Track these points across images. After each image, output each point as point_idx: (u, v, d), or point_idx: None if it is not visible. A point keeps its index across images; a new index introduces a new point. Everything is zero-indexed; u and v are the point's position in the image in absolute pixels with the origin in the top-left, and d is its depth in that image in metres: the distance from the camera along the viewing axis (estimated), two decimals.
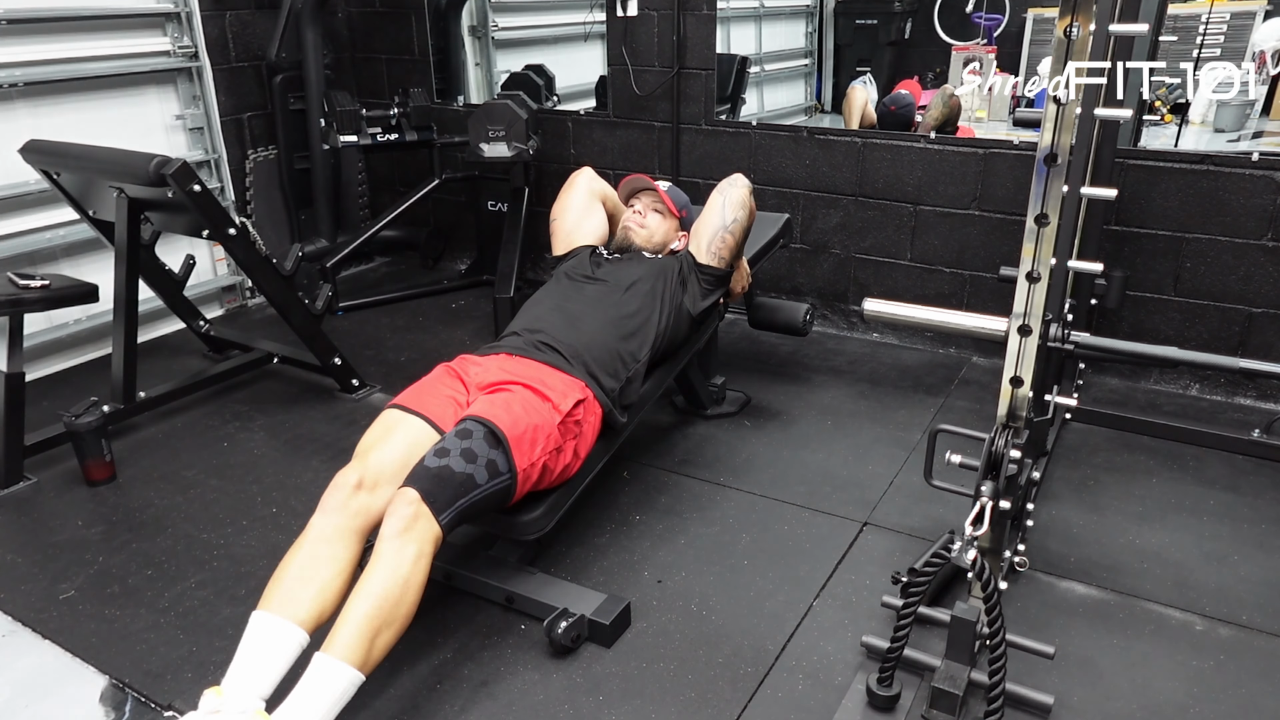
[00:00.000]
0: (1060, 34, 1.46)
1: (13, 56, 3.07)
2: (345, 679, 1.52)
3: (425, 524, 1.68)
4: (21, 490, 2.50)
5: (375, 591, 1.59)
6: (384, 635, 1.58)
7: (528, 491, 1.92)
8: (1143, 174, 2.84)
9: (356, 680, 1.54)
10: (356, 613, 1.57)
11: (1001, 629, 1.52)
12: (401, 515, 1.67)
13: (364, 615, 1.57)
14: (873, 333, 3.50)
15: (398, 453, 1.84)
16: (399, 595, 1.60)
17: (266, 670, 1.56)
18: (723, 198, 2.48)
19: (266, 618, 1.60)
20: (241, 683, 1.54)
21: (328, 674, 1.52)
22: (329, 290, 3.06)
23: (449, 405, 1.97)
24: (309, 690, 1.51)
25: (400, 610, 1.61)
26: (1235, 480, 2.47)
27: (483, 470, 1.78)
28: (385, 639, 1.59)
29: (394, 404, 1.98)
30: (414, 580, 1.64)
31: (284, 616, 1.60)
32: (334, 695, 1.52)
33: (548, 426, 1.93)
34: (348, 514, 1.74)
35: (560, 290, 2.38)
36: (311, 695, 1.51)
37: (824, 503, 2.39)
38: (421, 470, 1.74)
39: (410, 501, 1.69)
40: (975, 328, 1.93)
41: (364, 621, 1.56)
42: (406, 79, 4.15)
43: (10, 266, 3.00)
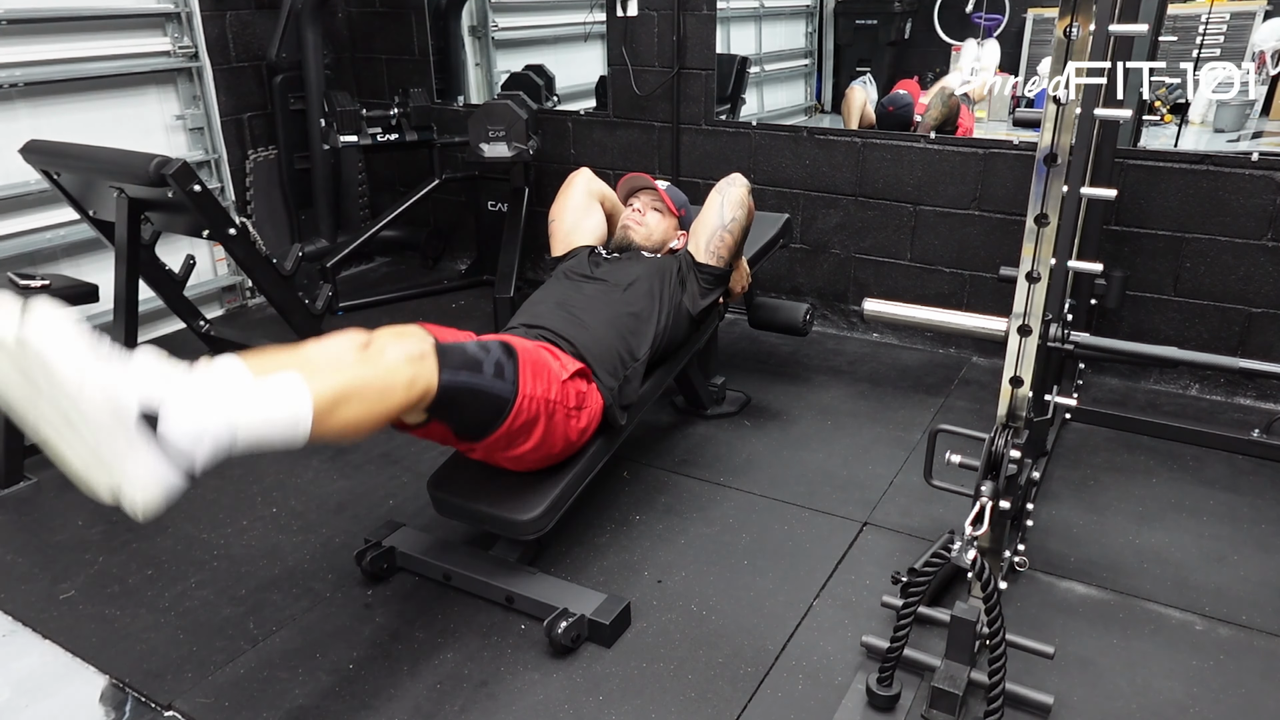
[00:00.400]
0: (1060, 34, 1.46)
1: (13, 56, 3.07)
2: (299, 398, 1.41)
3: (430, 364, 1.67)
4: (21, 490, 2.50)
5: (364, 370, 1.55)
6: (351, 406, 1.50)
7: (521, 452, 1.91)
8: (1142, 174, 2.84)
9: (303, 415, 1.41)
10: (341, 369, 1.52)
11: (1001, 629, 1.52)
12: (415, 346, 1.66)
13: (345, 375, 1.51)
14: (873, 333, 3.50)
15: None
16: (380, 388, 1.55)
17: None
18: (721, 197, 2.48)
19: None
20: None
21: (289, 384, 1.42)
22: (329, 290, 3.06)
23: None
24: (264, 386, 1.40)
25: (369, 397, 1.53)
26: (1235, 480, 2.47)
27: (491, 364, 1.80)
28: (349, 411, 1.49)
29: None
30: (396, 392, 1.58)
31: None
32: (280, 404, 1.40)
33: (553, 376, 1.95)
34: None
35: (560, 289, 2.38)
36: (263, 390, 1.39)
37: (824, 503, 2.39)
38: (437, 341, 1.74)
39: (424, 339, 1.69)
40: (975, 328, 1.93)
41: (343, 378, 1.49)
42: (406, 79, 4.15)
43: (10, 266, 3.00)
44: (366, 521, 2.32)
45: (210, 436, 1.34)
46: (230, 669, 1.83)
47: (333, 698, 1.76)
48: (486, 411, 1.83)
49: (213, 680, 1.80)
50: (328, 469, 2.59)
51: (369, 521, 2.31)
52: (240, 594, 2.06)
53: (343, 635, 1.92)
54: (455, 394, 1.74)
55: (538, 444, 1.94)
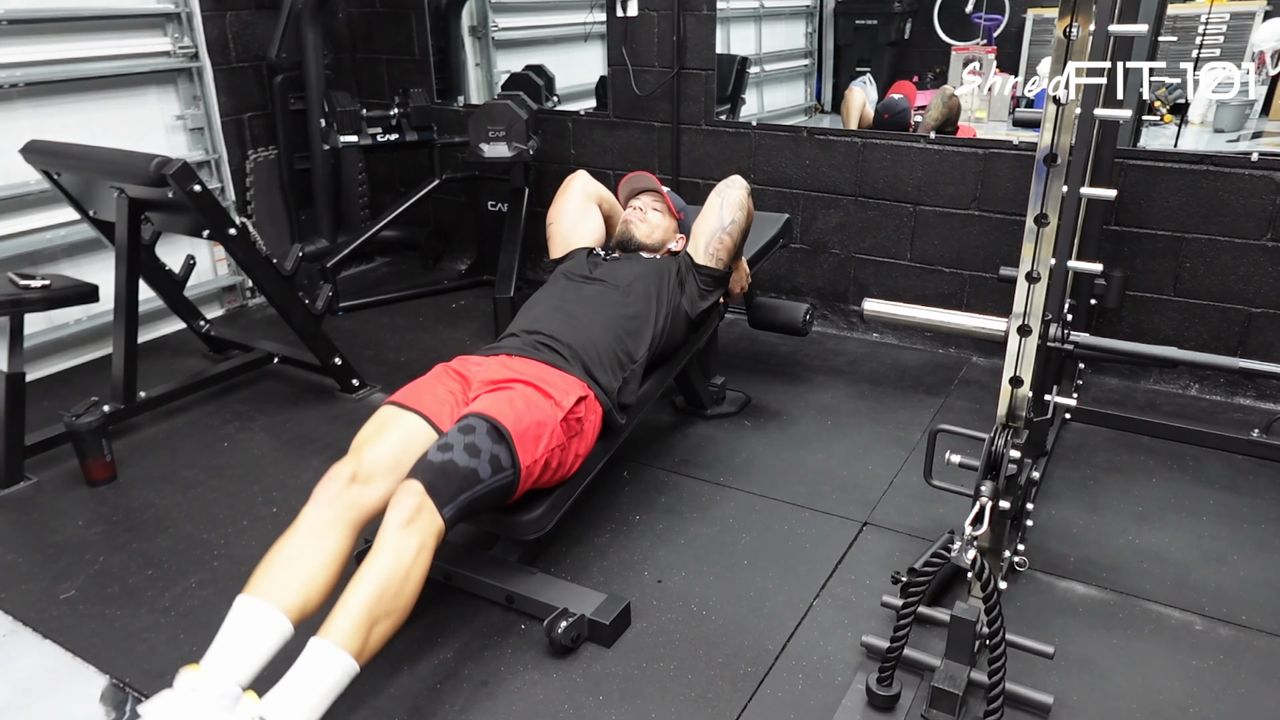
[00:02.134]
0: (1060, 34, 1.46)
1: (13, 56, 3.07)
2: (341, 666, 1.51)
3: (429, 517, 1.68)
4: (22, 490, 2.50)
5: (376, 580, 1.58)
6: (382, 625, 1.57)
7: (529, 489, 1.92)
8: (1142, 174, 2.84)
9: (351, 669, 1.52)
10: (356, 600, 1.56)
11: (1001, 629, 1.52)
12: (405, 506, 1.67)
13: (363, 604, 1.55)
14: (873, 333, 3.50)
15: (392, 448, 1.84)
16: (399, 586, 1.60)
17: (248, 654, 1.53)
18: (720, 199, 2.48)
19: (251, 602, 1.57)
20: (221, 664, 1.51)
21: (324, 659, 1.50)
22: (329, 290, 3.06)
23: (446, 403, 1.97)
24: (303, 674, 1.49)
25: (400, 601, 1.60)
26: (1235, 480, 2.47)
27: (486, 465, 1.78)
28: (383, 629, 1.58)
29: (391, 400, 1.98)
30: (415, 572, 1.63)
31: (269, 603, 1.57)
32: (329, 682, 1.50)
33: (550, 423, 1.93)
34: (340, 506, 1.73)
35: (558, 290, 2.38)
36: (306, 680, 1.49)
37: (824, 503, 2.39)
38: (425, 464, 1.74)
39: (415, 493, 1.68)
40: (975, 328, 1.93)
41: (363, 610, 1.55)
42: (406, 79, 4.15)
43: (10, 266, 3.00)
44: None
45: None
46: None
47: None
48: (498, 497, 1.85)
49: None
50: (328, 469, 2.58)
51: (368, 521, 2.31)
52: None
53: None
54: (464, 512, 1.76)
55: (551, 476, 1.97)
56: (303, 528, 1.70)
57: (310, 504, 1.74)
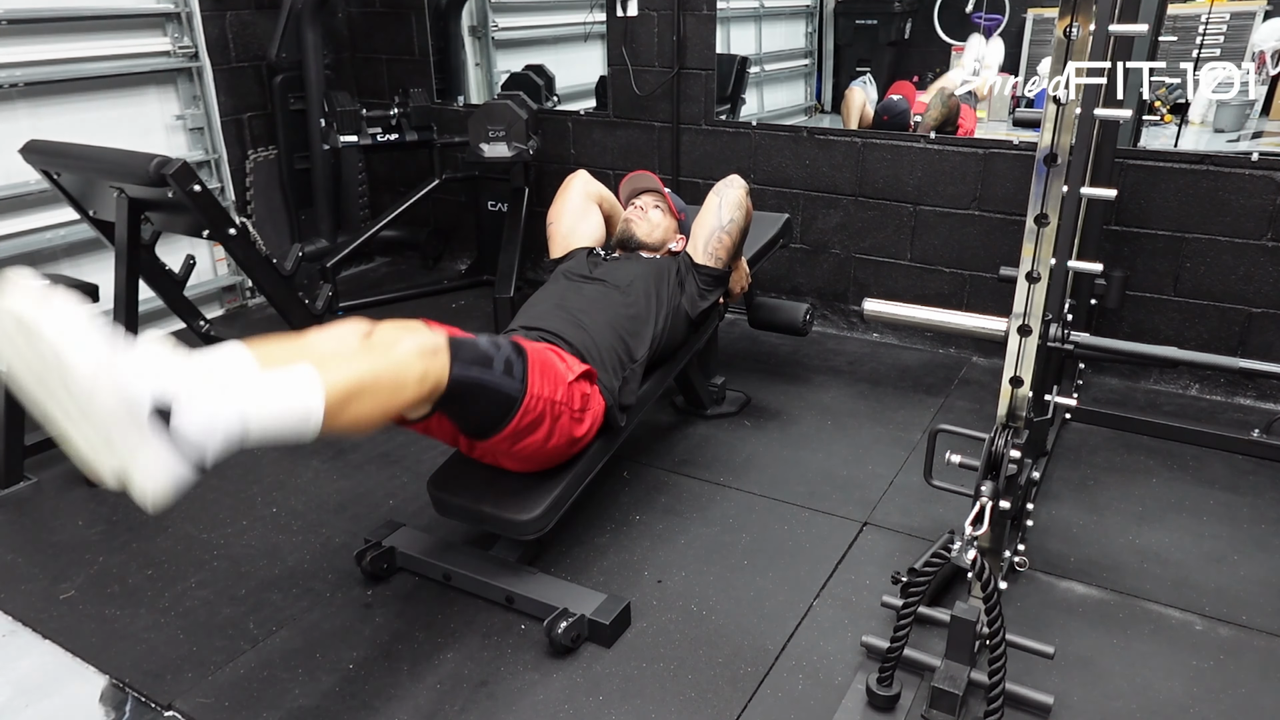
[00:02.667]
0: (1060, 34, 1.46)
1: (13, 56, 3.07)
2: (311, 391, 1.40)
3: (442, 358, 1.66)
4: (21, 490, 2.50)
5: (379, 362, 1.55)
6: (364, 401, 1.50)
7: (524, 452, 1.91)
8: (1143, 174, 2.84)
9: (315, 408, 1.40)
10: (358, 368, 1.51)
11: (1001, 629, 1.52)
12: (428, 340, 1.64)
13: (357, 370, 1.50)
14: (873, 333, 3.50)
15: None
16: (392, 382, 1.56)
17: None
18: (719, 199, 2.48)
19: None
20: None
21: (302, 377, 1.41)
22: (329, 290, 3.06)
23: None
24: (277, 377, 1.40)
25: (382, 392, 1.54)
26: (1235, 480, 2.47)
27: (501, 361, 1.80)
28: (361, 406, 1.50)
29: None
30: (408, 388, 1.59)
31: None
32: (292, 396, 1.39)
33: (560, 378, 1.95)
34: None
35: (559, 290, 2.38)
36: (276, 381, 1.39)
37: (824, 503, 2.39)
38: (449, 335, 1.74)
39: (440, 336, 1.69)
40: (975, 328, 1.93)
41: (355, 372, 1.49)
42: (406, 79, 4.15)
43: (10, 266, 3.00)
44: (366, 521, 2.32)
45: (222, 429, 1.34)
46: (230, 669, 1.83)
47: (333, 698, 1.76)
48: (494, 409, 1.82)
49: (213, 680, 1.80)
50: (328, 469, 2.59)
51: (369, 521, 2.31)
52: (240, 594, 2.06)
53: (343, 635, 1.92)
54: (465, 389, 1.73)
55: (541, 444, 1.93)
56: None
57: None
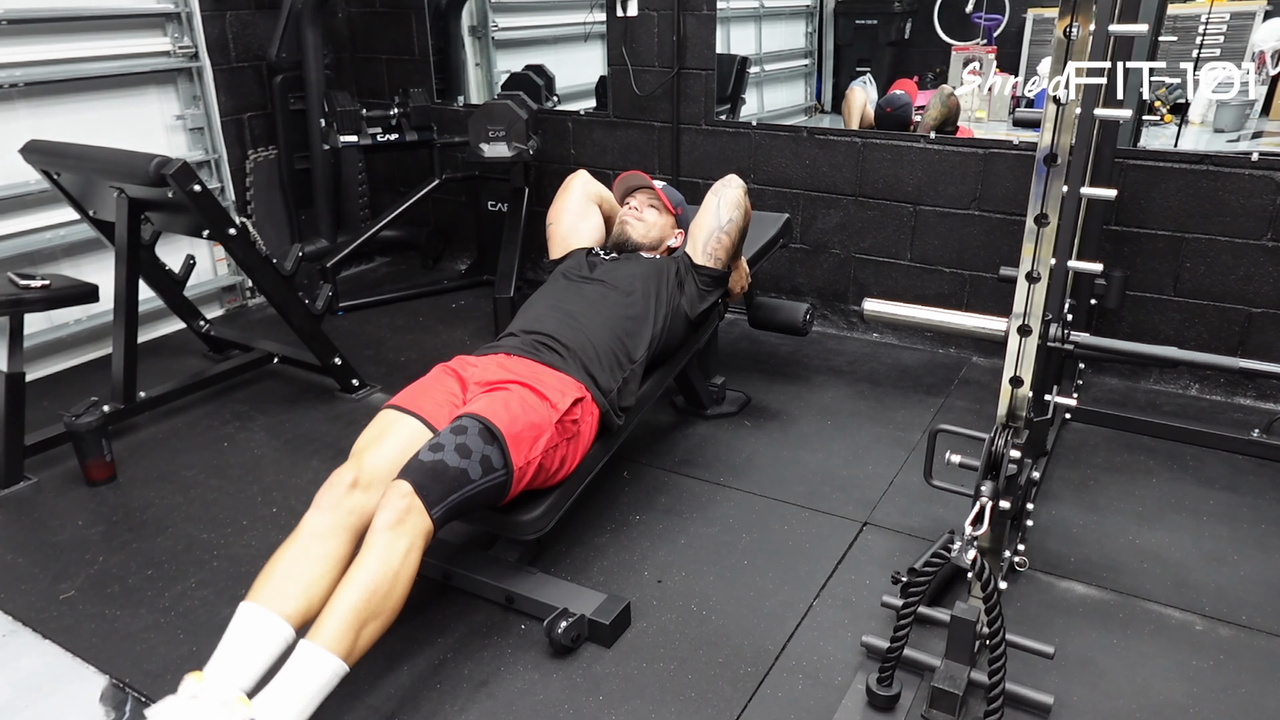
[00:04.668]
0: (1060, 34, 1.46)
1: (13, 56, 3.07)
2: (329, 668, 1.52)
3: (417, 517, 1.68)
4: (22, 490, 2.50)
5: (364, 582, 1.59)
6: (370, 627, 1.58)
7: (522, 490, 1.92)
8: (1142, 174, 2.84)
9: (340, 670, 1.54)
10: (344, 603, 1.57)
11: (1001, 629, 1.52)
12: (394, 508, 1.67)
13: (351, 606, 1.56)
14: (873, 333, 3.50)
15: (393, 453, 1.85)
16: (388, 588, 1.61)
17: (250, 661, 1.55)
18: (717, 199, 2.48)
19: (254, 609, 1.60)
20: (224, 671, 1.53)
21: (312, 662, 1.52)
22: (329, 290, 3.06)
23: (445, 405, 1.97)
24: (292, 677, 1.51)
25: (388, 603, 1.61)
26: (1235, 480, 2.47)
27: (477, 466, 1.78)
28: (371, 630, 1.59)
29: (390, 404, 1.99)
30: (404, 573, 1.64)
31: (272, 609, 1.59)
32: (317, 684, 1.51)
33: (545, 425, 1.93)
34: (341, 512, 1.74)
35: (557, 290, 2.38)
36: (294, 682, 1.50)
37: (824, 503, 2.39)
38: (415, 464, 1.74)
39: (403, 494, 1.69)
40: (975, 328, 1.93)
41: (351, 612, 1.56)
42: (406, 79, 4.15)
43: (10, 266, 3.00)
44: None
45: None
46: None
47: (332, 697, 1.74)
48: (489, 498, 1.85)
49: None
50: (328, 469, 2.57)
51: None
52: (240, 594, 2.03)
53: None
54: (453, 513, 1.76)
55: (546, 478, 1.97)
56: (304, 534, 1.71)
57: (312, 510, 1.75)
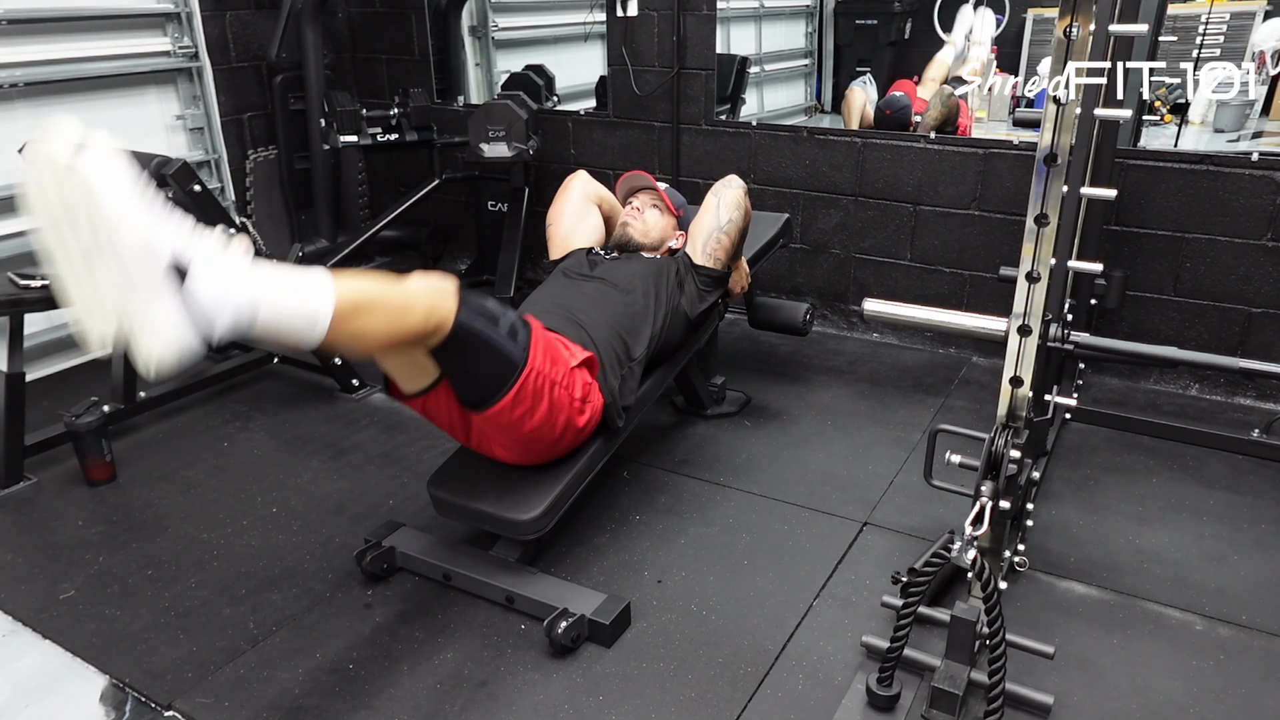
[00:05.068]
0: (1060, 34, 1.46)
1: (13, 56, 3.07)
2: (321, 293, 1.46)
3: (449, 301, 1.69)
4: (22, 490, 2.50)
5: (391, 288, 1.59)
6: (371, 316, 1.55)
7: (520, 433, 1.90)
8: (1143, 174, 2.84)
9: (323, 310, 1.46)
10: (368, 281, 1.55)
11: (1001, 629, 1.52)
12: (440, 285, 1.68)
13: (371, 288, 1.55)
14: (873, 333, 3.50)
15: None
16: (398, 308, 1.60)
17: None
18: (717, 199, 2.48)
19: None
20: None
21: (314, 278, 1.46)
22: None
23: None
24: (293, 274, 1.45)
25: (388, 313, 1.59)
26: (1235, 480, 2.47)
27: (506, 325, 1.82)
28: (366, 320, 1.55)
29: None
30: (414, 315, 1.62)
31: None
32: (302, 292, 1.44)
33: (562, 361, 1.96)
34: None
35: (558, 288, 2.38)
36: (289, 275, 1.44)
37: (824, 503, 2.39)
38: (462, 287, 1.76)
39: (452, 282, 1.70)
40: (975, 328, 1.93)
41: (368, 289, 1.54)
42: (406, 79, 4.15)
43: (10, 266, 2.99)
44: (366, 521, 2.32)
45: (233, 306, 1.35)
46: (230, 669, 1.83)
47: (333, 697, 1.76)
48: (494, 370, 1.82)
49: (213, 680, 1.80)
50: (328, 469, 2.59)
51: (369, 521, 2.31)
52: (240, 594, 2.06)
53: (343, 635, 1.92)
54: (468, 339, 1.75)
55: (538, 425, 1.91)
56: None
57: None
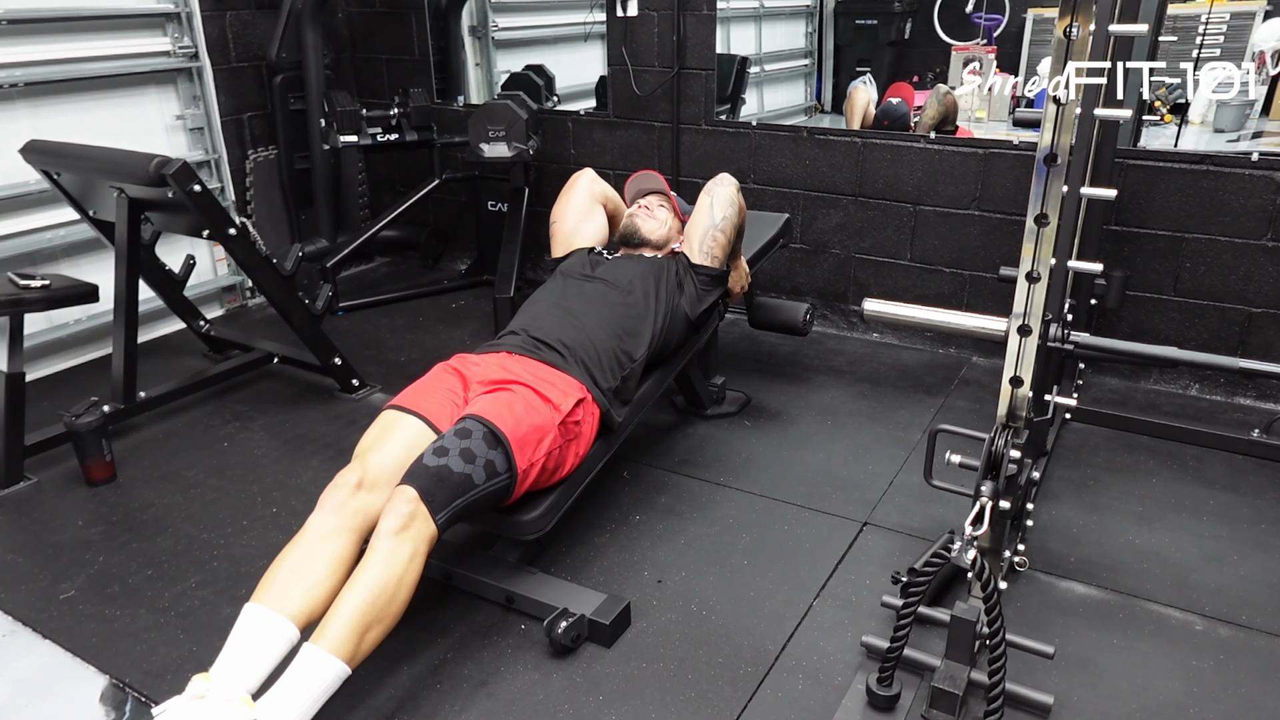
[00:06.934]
0: (1060, 34, 1.46)
1: (13, 56, 3.07)
2: (332, 671, 1.53)
3: (422, 523, 1.68)
4: (22, 490, 2.50)
5: (369, 586, 1.60)
6: (374, 631, 1.60)
7: (525, 491, 1.93)
8: (1143, 174, 2.84)
9: (343, 673, 1.55)
10: (348, 607, 1.58)
11: (1001, 629, 1.52)
12: (399, 513, 1.67)
13: (355, 610, 1.57)
14: (873, 333, 3.50)
15: (396, 453, 1.85)
16: (392, 593, 1.62)
17: (255, 662, 1.56)
18: (710, 198, 2.48)
19: (259, 610, 1.61)
20: (230, 672, 1.54)
21: (315, 665, 1.53)
22: (329, 290, 3.06)
23: (447, 405, 1.98)
24: (295, 680, 1.52)
25: (391, 608, 1.62)
26: (1235, 480, 2.47)
27: (481, 470, 1.78)
28: (374, 635, 1.60)
29: (392, 404, 1.99)
30: (407, 579, 1.65)
31: (277, 610, 1.60)
32: (320, 686, 1.53)
33: (549, 427, 1.93)
34: (347, 513, 1.75)
35: (558, 289, 2.38)
36: (298, 685, 1.51)
37: (824, 503, 2.39)
38: (420, 468, 1.75)
39: (408, 500, 1.69)
40: (975, 328, 1.93)
41: (355, 616, 1.57)
42: (406, 79, 4.15)
43: (10, 266, 3.00)
44: None
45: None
46: None
47: (334, 698, 1.75)
48: (493, 501, 1.86)
49: None
50: (328, 469, 2.58)
51: None
52: (240, 594, 2.05)
53: None
54: (457, 517, 1.77)
55: (545, 480, 1.98)
56: (309, 535, 1.72)
57: (316, 511, 1.76)
